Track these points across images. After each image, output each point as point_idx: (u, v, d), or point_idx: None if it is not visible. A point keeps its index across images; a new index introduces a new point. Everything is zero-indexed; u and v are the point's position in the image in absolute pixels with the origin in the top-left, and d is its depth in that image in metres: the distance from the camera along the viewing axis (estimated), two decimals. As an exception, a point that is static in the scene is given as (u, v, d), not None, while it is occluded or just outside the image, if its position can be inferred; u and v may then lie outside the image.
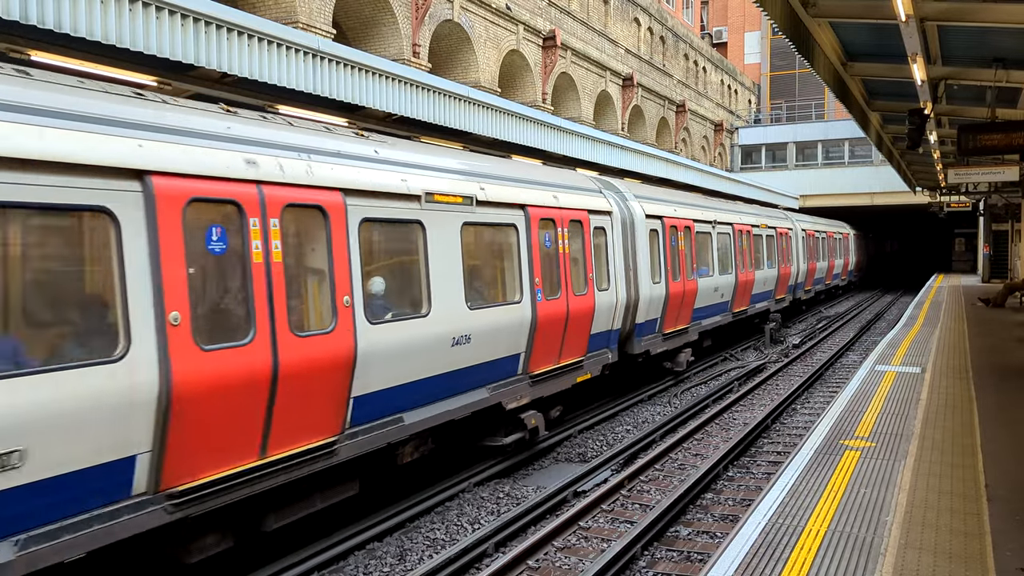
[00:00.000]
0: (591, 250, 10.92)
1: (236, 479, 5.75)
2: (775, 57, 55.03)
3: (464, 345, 8.16)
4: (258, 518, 6.46)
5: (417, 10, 20.03)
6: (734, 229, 17.89)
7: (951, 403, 9.32)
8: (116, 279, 5.00)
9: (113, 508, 5.01)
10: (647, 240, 12.90)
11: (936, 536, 5.24)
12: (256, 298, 5.82)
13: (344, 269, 6.61)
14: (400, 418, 7.41)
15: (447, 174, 8.21)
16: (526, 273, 9.34)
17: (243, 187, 5.78)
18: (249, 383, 5.72)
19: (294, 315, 6.15)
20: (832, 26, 10.17)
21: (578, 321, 10.47)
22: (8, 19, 5.77)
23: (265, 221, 5.92)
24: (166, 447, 5.21)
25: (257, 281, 5.84)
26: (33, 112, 4.64)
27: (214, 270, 5.74)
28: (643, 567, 6.94)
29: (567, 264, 10.22)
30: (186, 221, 5.35)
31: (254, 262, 5.82)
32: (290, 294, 6.12)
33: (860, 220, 45.52)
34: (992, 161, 18.67)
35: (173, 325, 5.20)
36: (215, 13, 7.24)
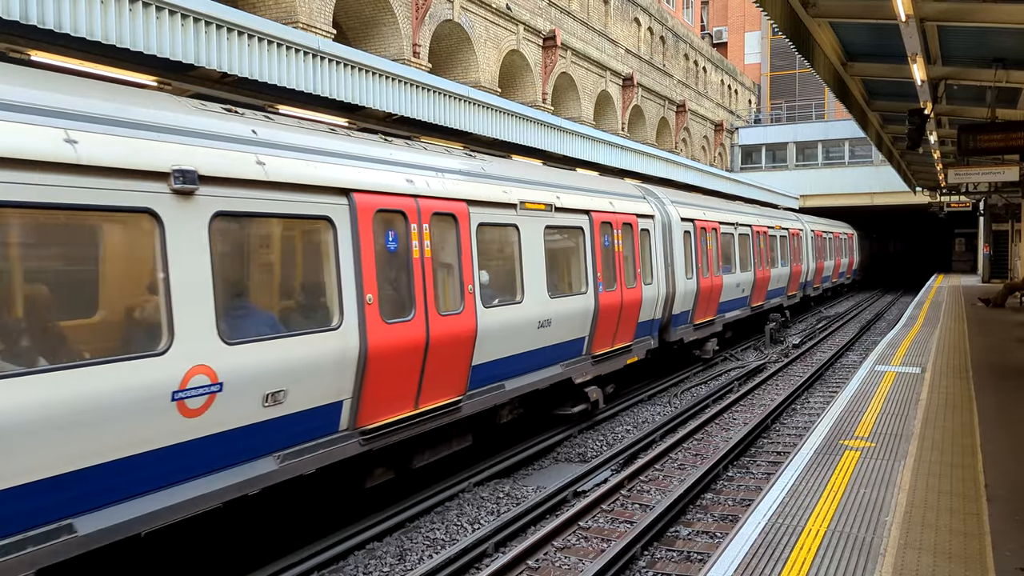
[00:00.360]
0: (639, 249, 12.62)
1: (399, 424, 7.40)
2: (775, 57, 55.04)
3: (546, 328, 9.81)
4: (408, 458, 8.14)
5: (417, 10, 20.03)
6: (753, 230, 19.54)
7: (951, 403, 9.32)
8: (334, 270, 6.63)
9: (329, 439, 6.65)
10: (682, 240, 14.48)
11: (936, 536, 5.24)
12: (415, 285, 7.51)
13: (468, 263, 8.33)
14: (502, 385, 9.14)
15: (533, 186, 9.90)
16: (590, 268, 10.97)
17: (406, 200, 7.48)
18: (412, 349, 7.39)
19: (438, 299, 7.82)
20: (832, 26, 10.17)
21: (629, 310, 12.15)
22: (8, 19, 5.77)
23: (420, 226, 7.59)
24: (361, 396, 6.86)
25: (416, 272, 7.52)
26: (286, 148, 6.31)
27: (390, 263, 7.36)
28: (643, 567, 6.95)
29: (621, 261, 11.89)
30: (374, 227, 7.03)
31: (414, 257, 7.53)
32: (435, 283, 7.75)
33: (860, 220, 45.53)
34: (992, 161, 18.69)
35: (368, 304, 6.83)
36: (215, 13, 7.25)
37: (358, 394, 6.81)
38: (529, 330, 9.41)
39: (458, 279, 8.18)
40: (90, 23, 6.35)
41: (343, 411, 6.74)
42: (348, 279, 6.69)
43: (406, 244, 7.41)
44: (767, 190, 30.97)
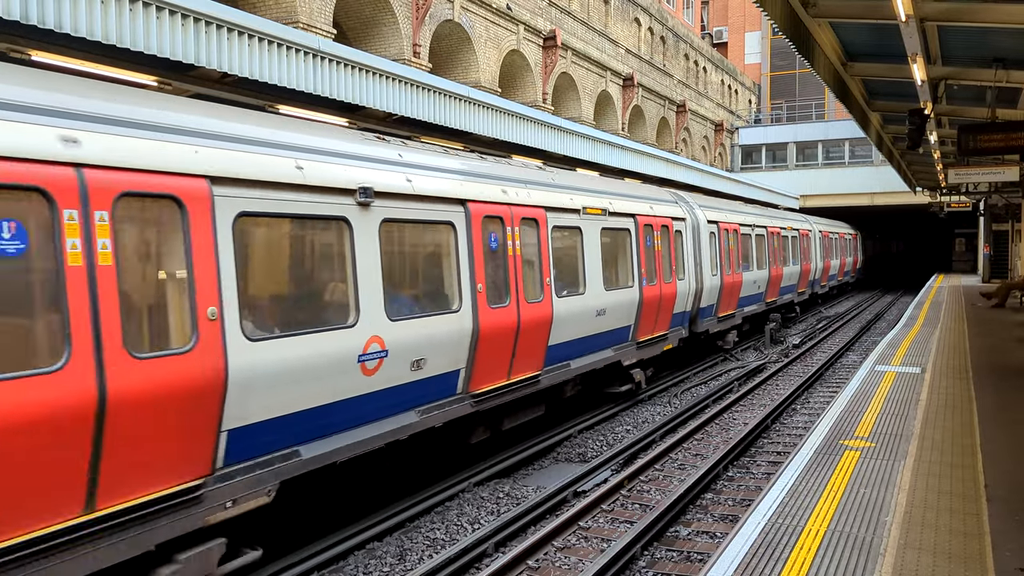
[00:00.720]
0: (674, 248, 14.15)
1: (497, 391, 9.03)
2: (775, 57, 55.03)
3: (601, 316, 11.31)
4: (499, 421, 9.78)
5: (417, 10, 20.03)
6: (768, 231, 21.22)
7: (951, 403, 9.32)
8: (454, 263, 8.22)
9: (449, 400, 8.25)
10: (708, 241, 16.01)
11: (935, 536, 5.24)
12: (510, 277, 9.05)
13: (546, 260, 9.91)
14: (568, 364, 10.67)
15: (592, 193, 11.42)
16: (636, 265, 12.51)
17: (503, 208, 9.05)
18: (508, 330, 8.98)
19: (526, 289, 9.41)
20: (832, 26, 10.17)
21: (666, 302, 13.74)
22: (8, 19, 5.77)
23: (512, 229, 9.20)
24: (473, 365, 8.46)
25: (510, 266, 9.07)
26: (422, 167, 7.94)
27: (492, 259, 8.83)
28: (643, 567, 6.95)
29: (660, 259, 13.48)
30: (482, 229, 8.59)
31: (509, 255, 9.08)
32: (524, 276, 9.36)
33: (861, 220, 45.54)
34: (992, 161, 18.70)
35: (479, 292, 8.42)
36: (215, 13, 7.25)
37: (471, 364, 8.44)
38: (589, 317, 10.99)
39: (538, 273, 9.81)
40: (90, 23, 6.35)
41: (460, 378, 8.39)
42: (465, 271, 8.33)
43: (503, 243, 9.05)
44: (768, 190, 30.98)
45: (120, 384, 4.84)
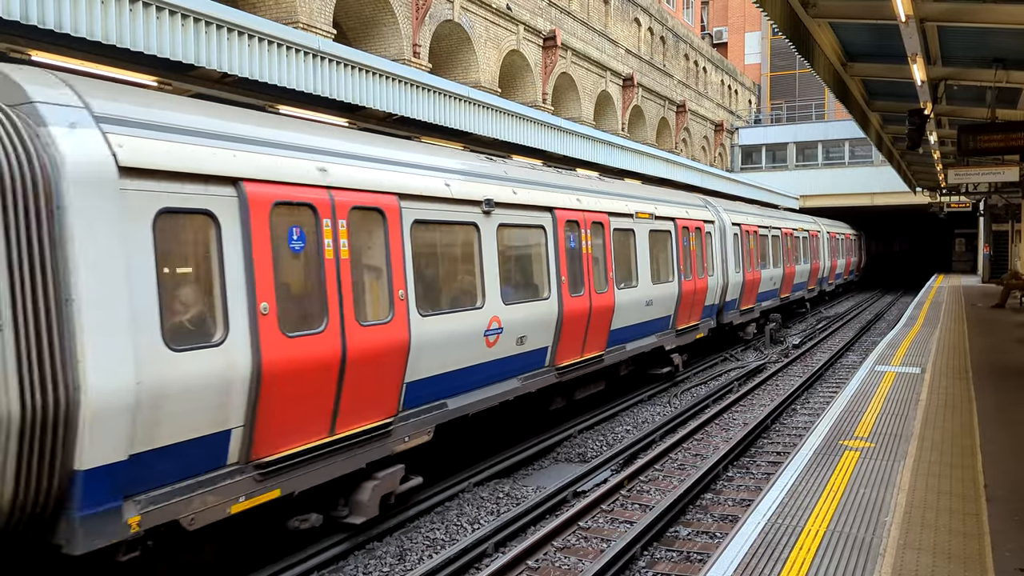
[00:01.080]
0: (706, 248, 15.94)
1: (574, 366, 10.75)
2: (775, 57, 55.02)
3: (650, 306, 13.00)
4: (572, 392, 11.45)
5: (417, 10, 20.04)
6: (782, 232, 23.04)
7: (950, 403, 9.32)
8: (545, 259, 9.98)
9: (540, 371, 9.97)
10: (732, 241, 17.75)
11: (935, 536, 5.25)
12: (584, 271, 10.83)
13: (609, 257, 11.59)
14: (624, 347, 12.36)
15: (641, 200, 13.16)
16: (675, 262, 14.18)
17: (579, 214, 10.82)
18: (582, 314, 10.70)
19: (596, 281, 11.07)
20: (832, 26, 10.17)
21: (700, 295, 15.39)
22: (8, 19, 5.77)
23: (585, 231, 10.98)
24: (558, 344, 10.12)
25: (584, 263, 10.89)
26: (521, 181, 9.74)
27: (571, 256, 10.54)
28: (643, 567, 6.95)
29: (695, 257, 15.15)
30: (564, 231, 10.39)
31: (583, 253, 10.93)
32: (592, 270, 11.02)
33: (861, 220, 45.52)
34: (992, 162, 18.69)
35: (563, 282, 10.20)
36: (215, 13, 7.25)
37: (556, 342, 10.15)
38: (641, 307, 12.65)
39: (604, 268, 11.44)
40: (90, 23, 6.35)
41: (547, 353, 10.08)
42: (552, 265, 10.03)
43: (579, 243, 10.77)
44: (768, 190, 30.98)
45: (354, 345, 6.67)
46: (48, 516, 4.83)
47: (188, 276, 5.68)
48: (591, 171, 14.64)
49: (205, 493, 5.57)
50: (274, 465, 6.08)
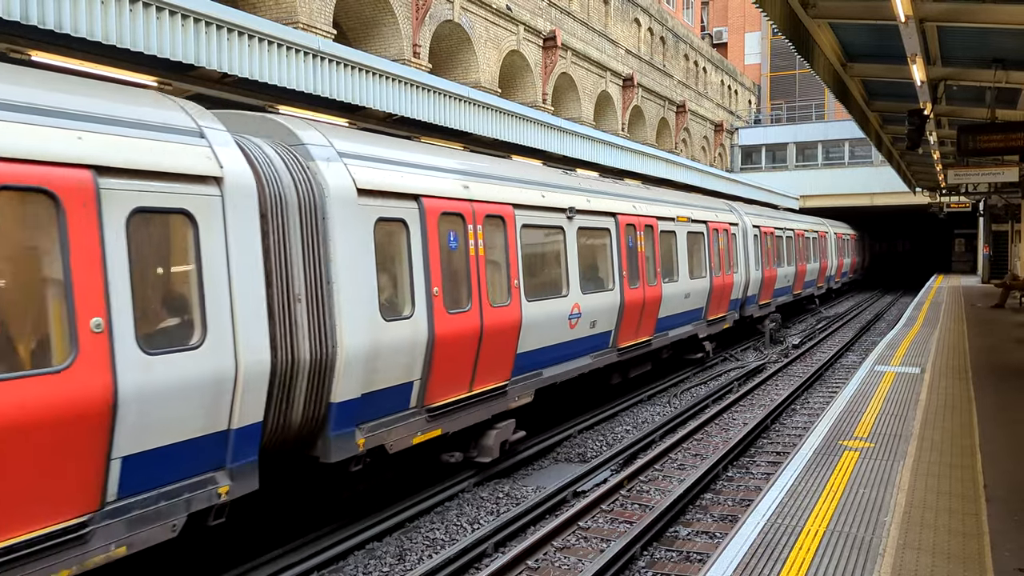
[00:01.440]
0: (732, 247, 17.83)
1: (631, 347, 12.62)
2: (775, 57, 55.02)
3: (686, 299, 14.81)
4: (627, 371, 13.33)
5: (417, 11, 20.04)
6: (795, 233, 24.94)
7: (950, 403, 9.33)
8: (609, 257, 11.80)
9: (606, 351, 11.84)
10: (753, 241, 19.55)
11: (935, 536, 5.25)
12: (640, 266, 12.62)
13: (656, 255, 13.41)
14: (667, 333, 14.20)
15: (680, 205, 15.16)
16: (707, 259, 16.09)
17: (637, 218, 12.73)
18: (639, 304, 12.47)
19: (648, 275, 12.92)
20: (832, 27, 10.17)
21: (727, 290, 17.30)
22: (8, 19, 5.78)
23: (639, 233, 12.73)
24: (619, 328, 11.97)
25: (640, 259, 12.65)
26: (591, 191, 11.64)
27: (630, 254, 12.42)
28: (642, 567, 6.95)
29: (723, 256, 17.05)
30: (624, 234, 12.18)
31: (639, 252, 12.70)
32: (646, 265, 12.89)
33: (861, 221, 45.51)
34: (992, 162, 18.69)
35: (624, 277, 11.94)
36: (215, 13, 7.25)
37: (617, 327, 11.98)
38: (681, 299, 14.48)
39: (652, 264, 13.21)
40: (90, 23, 6.35)
41: (611, 336, 11.92)
42: (616, 262, 11.97)
43: (635, 243, 12.56)
44: (768, 191, 30.99)
45: (487, 321, 8.60)
46: (311, 435, 6.78)
47: (392, 266, 7.53)
48: (591, 171, 14.64)
49: (399, 427, 7.57)
50: (438, 410, 8.08)
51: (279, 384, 6.18)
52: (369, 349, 6.91)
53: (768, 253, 21.01)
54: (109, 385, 4.83)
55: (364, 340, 6.84)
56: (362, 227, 6.96)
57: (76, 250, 4.72)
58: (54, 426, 4.55)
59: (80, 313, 4.74)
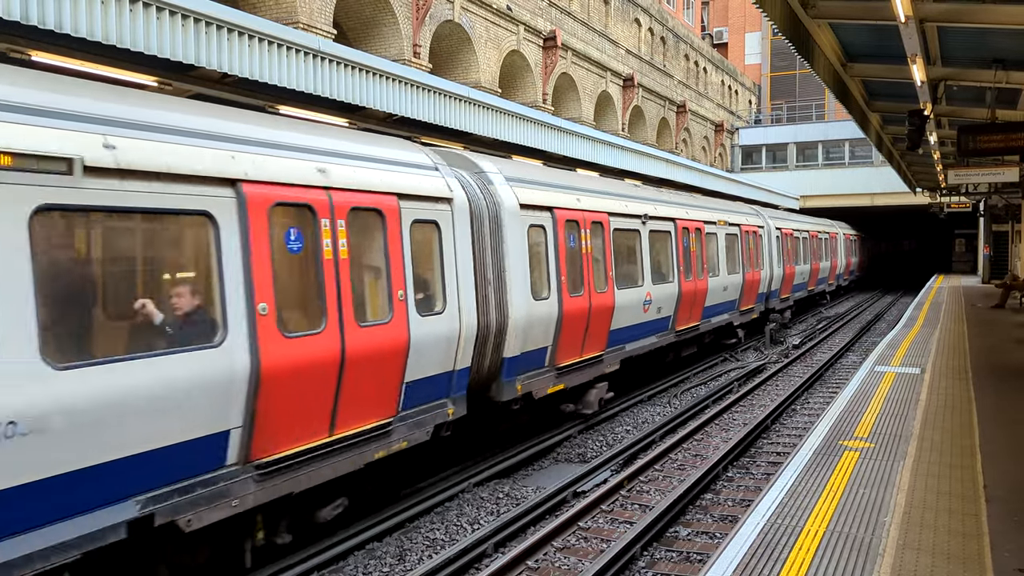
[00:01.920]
0: (760, 247, 20.69)
1: (685, 330, 14.85)
2: (775, 58, 55.00)
3: (724, 291, 17.16)
4: (680, 351, 15.88)
5: (418, 11, 20.04)
6: (810, 235, 27.53)
7: (950, 404, 9.33)
8: (671, 253, 14.21)
9: (666, 332, 14.19)
10: (776, 242, 22.33)
11: (934, 536, 5.25)
12: (692, 262, 14.94)
13: (704, 253, 15.85)
14: (709, 320, 16.59)
15: (718, 210, 17.69)
16: (740, 258, 18.63)
17: (688, 222, 14.99)
18: (691, 294, 14.82)
19: (696, 271, 15.24)
20: (832, 27, 10.17)
21: (755, 285, 20.02)
22: (8, 19, 5.77)
23: (691, 234, 15.13)
24: (677, 314, 14.21)
25: (693, 256, 14.95)
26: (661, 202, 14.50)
27: (685, 252, 14.80)
28: (642, 567, 6.95)
29: (752, 254, 19.73)
30: (682, 235, 14.61)
31: (692, 250, 15.05)
32: (695, 262, 15.27)
33: (861, 221, 45.50)
34: (992, 162, 18.68)
35: (680, 271, 14.35)
36: (215, 13, 7.25)
37: (675, 313, 14.31)
38: (720, 291, 16.80)
39: (700, 261, 15.60)
40: (90, 23, 6.35)
41: (671, 319, 14.23)
42: (675, 258, 14.18)
43: (688, 242, 14.89)
44: (768, 191, 30.98)
45: (594, 305, 11.00)
46: (489, 381, 9.28)
47: (537, 260, 9.83)
48: (591, 171, 14.64)
49: (539, 379, 10.04)
50: (561, 369, 10.54)
51: (479, 341, 8.63)
52: (525, 320, 9.39)
53: (788, 253, 23.70)
54: (406, 334, 7.30)
55: (523, 313, 9.34)
56: (520, 231, 9.46)
57: (392, 247, 7.20)
58: (383, 358, 7.03)
59: (394, 287, 7.23)
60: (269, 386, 5.80)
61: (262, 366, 5.68)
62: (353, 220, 6.76)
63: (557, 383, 10.45)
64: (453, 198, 8.15)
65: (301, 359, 6.09)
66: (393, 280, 7.17)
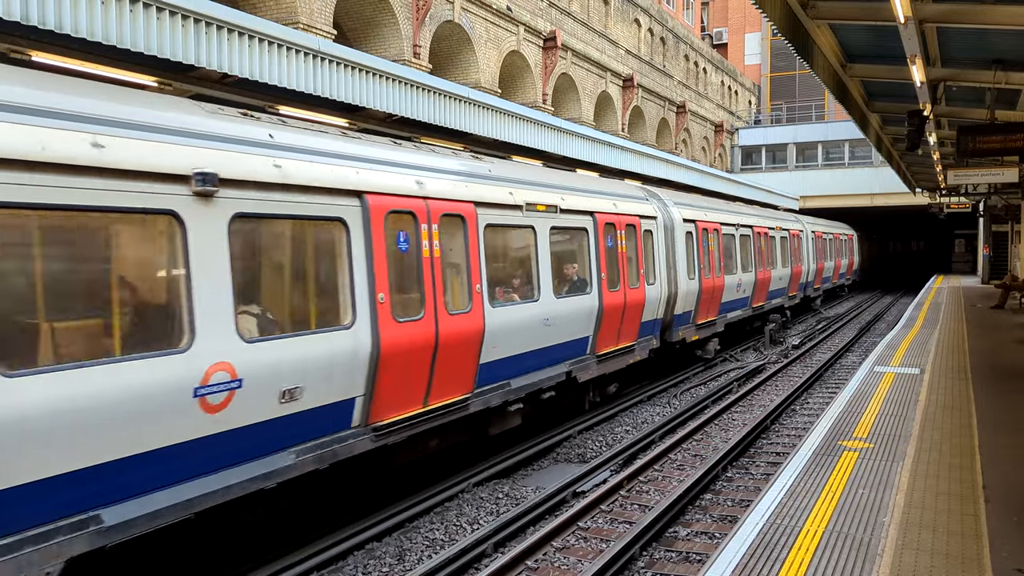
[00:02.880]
0: (799, 247, 25.36)
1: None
2: (775, 58, 55.03)
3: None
4: (745, 327, 20.92)
5: (418, 11, 20.05)
6: (834, 236, 32.09)
7: (949, 404, 9.33)
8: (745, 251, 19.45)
9: (744, 309, 19.27)
10: (812, 243, 27.07)
11: (933, 537, 5.26)
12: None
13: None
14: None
15: (750, 215, 20.14)
16: (789, 255, 22.69)
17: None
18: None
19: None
20: (831, 28, 10.18)
21: (798, 276, 24.78)
22: (8, 19, 5.78)
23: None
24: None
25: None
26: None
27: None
28: (642, 567, 6.96)
29: (795, 253, 23.82)
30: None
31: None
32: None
33: (860, 221, 45.52)
34: (991, 163, 18.66)
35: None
36: (215, 13, 7.25)
37: (752, 293, 18.78)
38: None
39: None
40: (90, 23, 6.35)
41: (749, 299, 18.85)
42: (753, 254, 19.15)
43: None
44: (768, 191, 31.00)
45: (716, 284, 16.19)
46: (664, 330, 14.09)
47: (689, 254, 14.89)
48: (591, 171, 14.65)
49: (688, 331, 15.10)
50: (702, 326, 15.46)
51: (666, 302, 13.72)
52: (685, 292, 14.43)
53: (820, 251, 28.98)
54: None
55: (684, 289, 14.43)
56: (683, 236, 14.59)
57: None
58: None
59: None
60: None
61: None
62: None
63: (696, 334, 15.67)
64: (657, 216, 13.71)
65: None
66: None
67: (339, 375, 6.66)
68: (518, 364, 9.39)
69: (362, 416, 7.01)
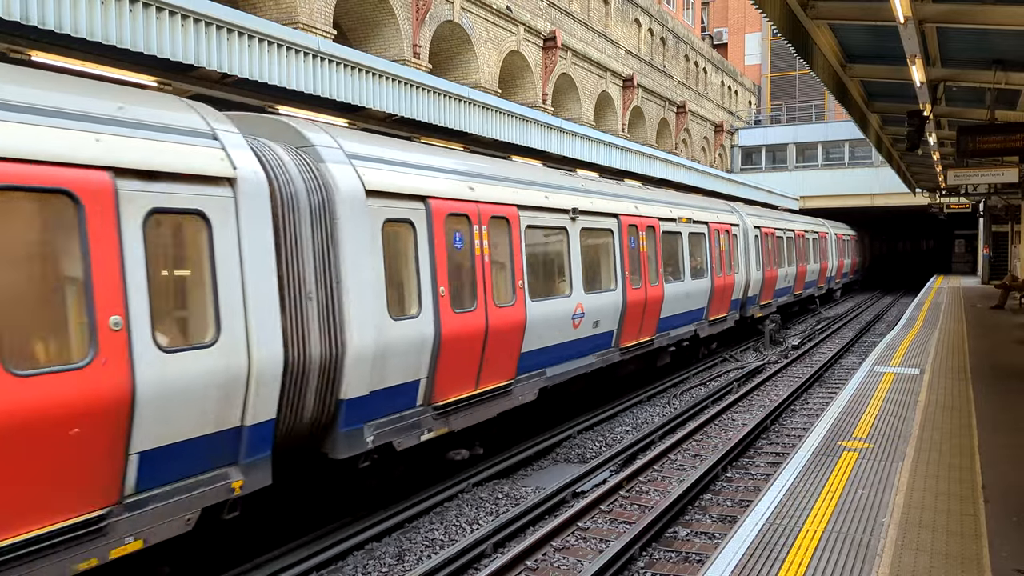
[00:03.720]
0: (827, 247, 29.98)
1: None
2: (775, 58, 55.01)
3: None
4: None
5: (418, 11, 20.04)
6: (838, 237, 33.47)
7: (949, 404, 9.33)
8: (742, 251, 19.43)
9: (789, 295, 24.88)
10: (836, 244, 31.26)
11: (933, 537, 5.26)
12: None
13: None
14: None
15: (792, 220, 24.35)
16: (818, 253, 26.82)
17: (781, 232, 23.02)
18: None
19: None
20: (831, 28, 10.18)
21: (825, 271, 28.22)
22: (8, 19, 5.78)
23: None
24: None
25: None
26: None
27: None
28: (641, 567, 6.96)
29: (824, 251, 28.65)
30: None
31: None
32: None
33: (861, 221, 45.52)
34: (991, 163, 18.67)
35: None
36: (215, 13, 7.26)
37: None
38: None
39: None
40: (90, 23, 6.36)
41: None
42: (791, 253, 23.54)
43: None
44: (768, 191, 31.01)
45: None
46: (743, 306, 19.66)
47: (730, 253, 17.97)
48: (591, 172, 14.66)
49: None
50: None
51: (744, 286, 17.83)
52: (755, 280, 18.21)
53: (840, 251, 32.72)
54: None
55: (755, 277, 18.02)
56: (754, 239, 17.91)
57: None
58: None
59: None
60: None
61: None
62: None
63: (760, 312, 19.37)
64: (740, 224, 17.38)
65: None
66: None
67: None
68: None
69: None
